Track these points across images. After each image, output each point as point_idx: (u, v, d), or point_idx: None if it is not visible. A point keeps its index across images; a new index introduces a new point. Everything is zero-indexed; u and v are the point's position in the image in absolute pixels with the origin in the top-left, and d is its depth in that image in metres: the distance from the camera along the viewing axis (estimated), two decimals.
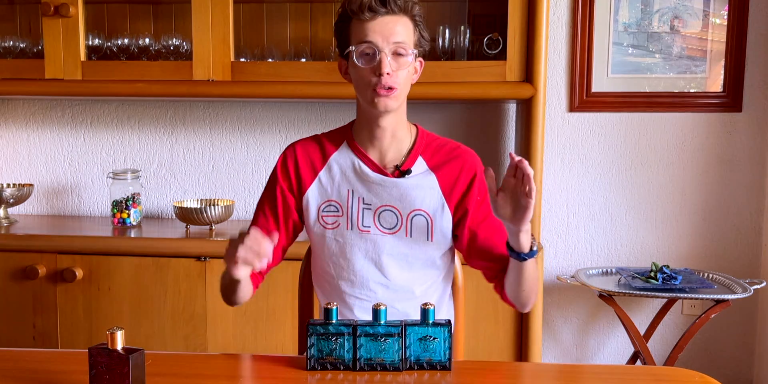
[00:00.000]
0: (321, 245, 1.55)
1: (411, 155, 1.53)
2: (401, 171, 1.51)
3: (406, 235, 1.51)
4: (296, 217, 1.57)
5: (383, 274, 1.52)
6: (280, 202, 1.56)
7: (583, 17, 2.57)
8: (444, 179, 1.52)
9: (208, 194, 2.77)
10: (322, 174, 1.55)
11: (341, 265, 1.53)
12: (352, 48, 1.46)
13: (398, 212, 1.51)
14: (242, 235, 1.29)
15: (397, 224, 1.51)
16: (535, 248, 1.39)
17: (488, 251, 1.52)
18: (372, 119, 1.50)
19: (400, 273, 1.52)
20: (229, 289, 1.48)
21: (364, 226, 1.51)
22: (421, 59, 1.53)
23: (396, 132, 1.52)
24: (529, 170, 1.27)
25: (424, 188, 1.51)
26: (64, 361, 1.35)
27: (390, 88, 1.43)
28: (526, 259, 1.40)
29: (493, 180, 1.31)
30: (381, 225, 1.51)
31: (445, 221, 1.51)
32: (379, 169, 1.52)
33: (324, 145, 1.57)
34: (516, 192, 1.31)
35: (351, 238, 1.52)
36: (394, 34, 1.43)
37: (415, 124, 1.59)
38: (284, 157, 1.58)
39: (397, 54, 1.44)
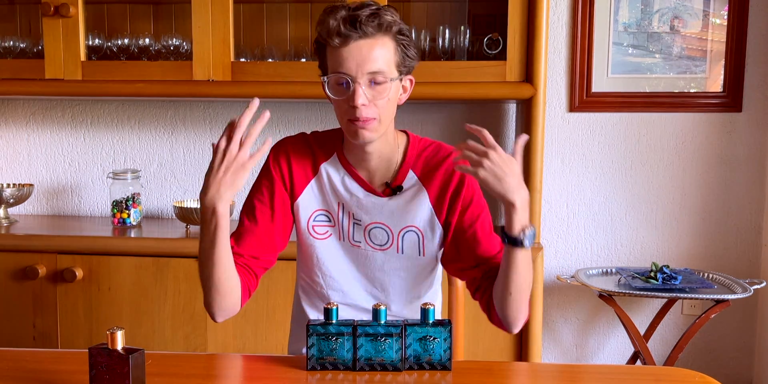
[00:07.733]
0: (310, 254, 1.48)
1: (401, 171, 1.45)
2: (392, 188, 1.45)
3: (398, 252, 1.46)
4: (291, 219, 1.48)
5: (374, 286, 1.49)
6: (279, 202, 1.45)
7: (583, 17, 2.57)
8: (433, 191, 1.44)
9: None
10: (314, 181, 1.47)
11: (331, 275, 1.48)
12: (324, 79, 1.35)
13: (389, 230, 1.45)
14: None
15: (387, 241, 1.46)
16: (523, 238, 1.28)
17: (471, 251, 1.42)
18: (356, 144, 1.41)
19: (391, 285, 1.49)
20: (210, 261, 1.32)
21: (355, 241, 1.47)
22: (410, 78, 1.41)
23: (382, 153, 1.43)
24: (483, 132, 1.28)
25: (414, 203, 1.44)
26: (64, 361, 1.34)
27: (366, 120, 1.33)
28: (514, 245, 1.29)
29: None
30: (372, 241, 1.46)
31: (436, 235, 1.46)
32: (369, 188, 1.45)
33: (314, 150, 1.48)
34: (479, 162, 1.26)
35: (342, 249, 1.47)
36: (369, 62, 1.30)
37: (405, 132, 1.50)
38: (276, 157, 1.47)
39: (374, 82, 1.32)
